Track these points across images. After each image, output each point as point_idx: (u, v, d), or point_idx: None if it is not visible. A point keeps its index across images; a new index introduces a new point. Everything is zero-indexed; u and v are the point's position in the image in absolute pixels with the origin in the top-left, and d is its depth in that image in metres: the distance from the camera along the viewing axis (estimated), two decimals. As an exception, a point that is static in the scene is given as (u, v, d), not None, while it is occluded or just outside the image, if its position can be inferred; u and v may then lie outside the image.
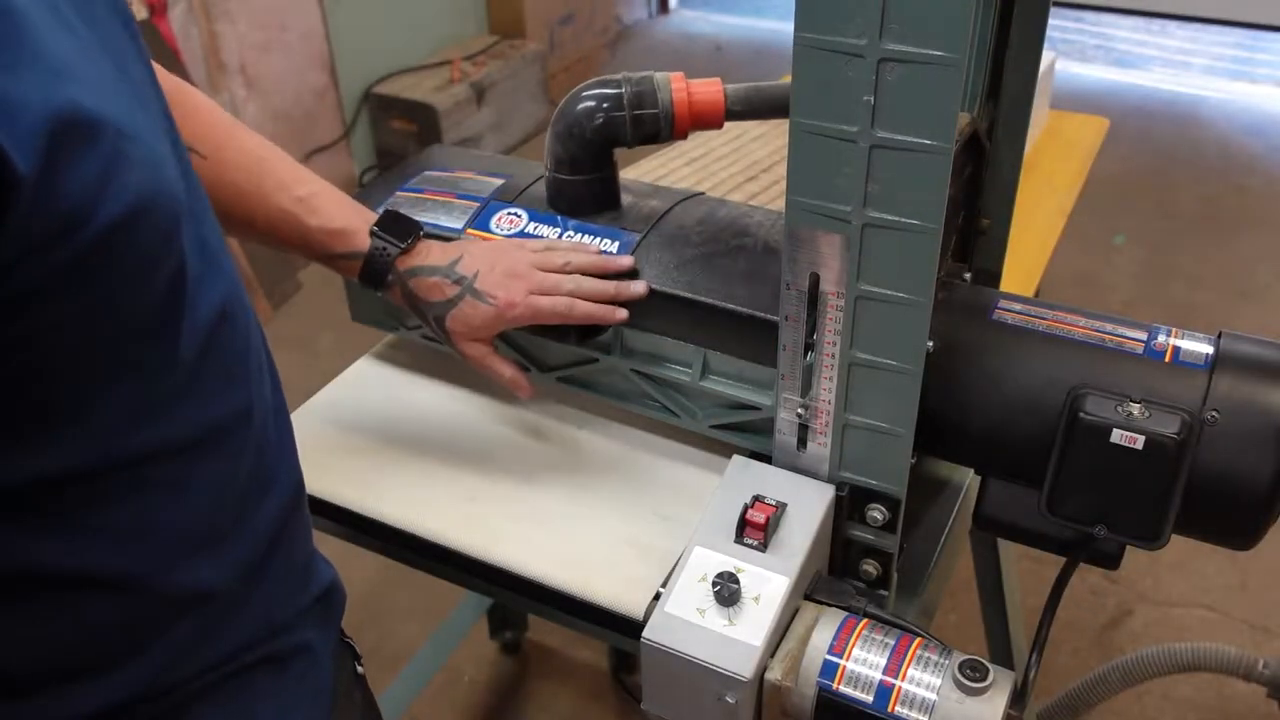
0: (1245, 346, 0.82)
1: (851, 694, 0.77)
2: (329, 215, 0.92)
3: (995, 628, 1.54)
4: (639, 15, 4.83)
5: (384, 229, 0.93)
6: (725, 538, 0.84)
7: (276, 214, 0.90)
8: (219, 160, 0.87)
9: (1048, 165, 1.88)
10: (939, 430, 0.87)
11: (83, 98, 0.47)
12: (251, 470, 0.65)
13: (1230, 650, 1.25)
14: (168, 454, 0.58)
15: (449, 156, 1.16)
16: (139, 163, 0.51)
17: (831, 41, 0.69)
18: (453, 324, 0.93)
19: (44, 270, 0.47)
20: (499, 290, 0.92)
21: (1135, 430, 0.76)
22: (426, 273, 0.93)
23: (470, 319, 0.93)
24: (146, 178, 0.51)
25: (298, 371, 0.98)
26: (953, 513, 1.08)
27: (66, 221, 0.47)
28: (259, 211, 0.90)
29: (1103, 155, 2.01)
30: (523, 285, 0.93)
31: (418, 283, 0.93)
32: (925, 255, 0.74)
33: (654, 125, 0.96)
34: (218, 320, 0.61)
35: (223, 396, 0.62)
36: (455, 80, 3.45)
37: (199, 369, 0.59)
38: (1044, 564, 1.92)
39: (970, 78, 0.94)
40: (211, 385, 0.61)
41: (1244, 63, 4.31)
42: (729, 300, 0.91)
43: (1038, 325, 0.86)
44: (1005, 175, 1.02)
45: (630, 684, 1.85)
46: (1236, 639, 1.96)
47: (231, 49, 2.96)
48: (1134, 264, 3.05)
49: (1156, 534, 0.80)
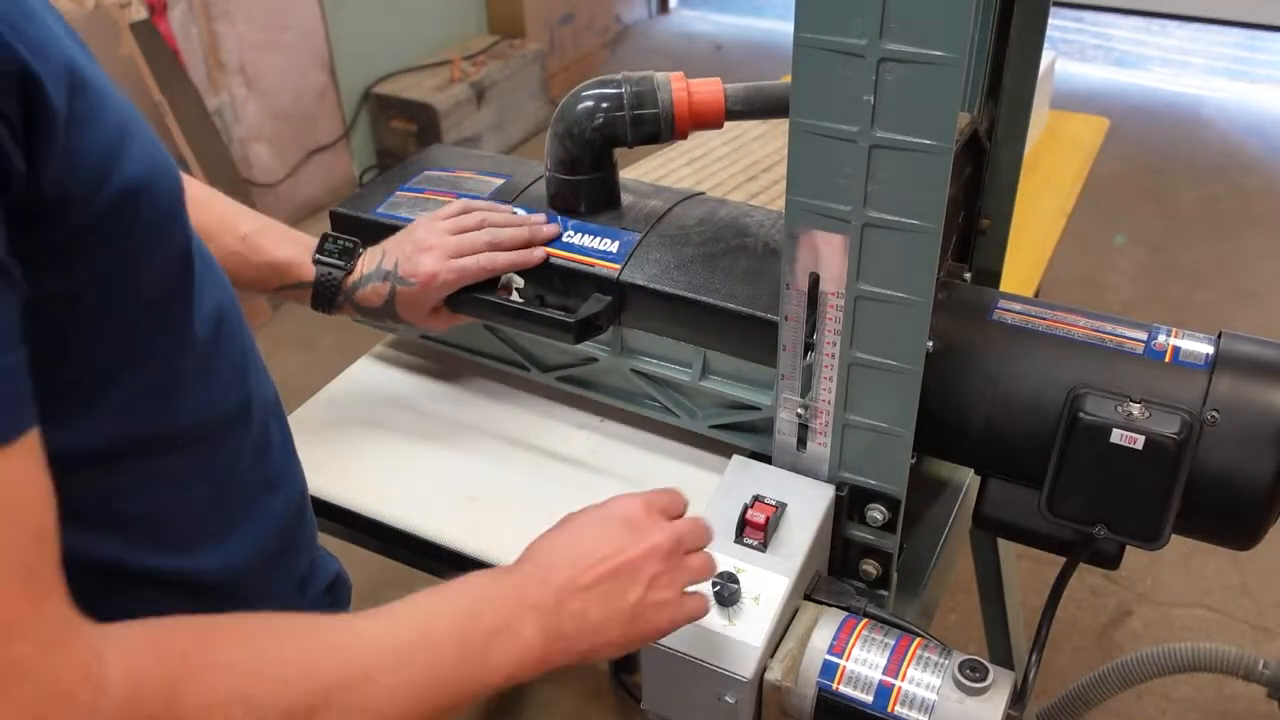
0: (1245, 346, 0.82)
1: (851, 694, 0.77)
2: (273, 250, 0.94)
3: (995, 628, 1.54)
4: (639, 15, 4.83)
5: (326, 254, 0.96)
6: (725, 538, 0.84)
7: (224, 255, 0.90)
8: None
9: (1048, 165, 1.88)
10: (939, 430, 0.87)
11: (84, 67, 0.51)
12: (255, 466, 0.67)
13: (1230, 650, 1.24)
14: (176, 443, 0.60)
15: (449, 156, 1.16)
16: (140, 139, 0.54)
17: (831, 41, 0.69)
18: (404, 314, 0.97)
19: (84, 216, 0.50)
20: (419, 269, 0.95)
21: (1135, 430, 0.76)
22: (365, 283, 0.96)
23: (411, 304, 0.96)
24: (150, 154, 0.55)
25: (298, 371, 0.99)
26: (953, 513, 1.08)
27: (94, 174, 0.50)
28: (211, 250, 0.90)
29: (1103, 155, 2.01)
30: (439, 254, 0.95)
31: (361, 295, 0.97)
32: (925, 255, 0.74)
33: (654, 125, 0.96)
34: (219, 318, 0.63)
35: (227, 390, 0.64)
36: (455, 80, 3.45)
37: (207, 361, 0.61)
38: (1044, 564, 1.92)
39: (970, 78, 0.94)
40: (216, 379, 0.63)
41: (1244, 63, 4.31)
42: (729, 300, 0.91)
43: (1038, 325, 0.86)
44: (1005, 175, 1.02)
45: (630, 684, 1.84)
46: (1236, 639, 1.96)
47: (231, 49, 2.95)
48: (1134, 264, 3.04)
49: (1156, 534, 0.80)
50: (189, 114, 2.74)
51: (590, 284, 0.97)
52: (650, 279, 0.95)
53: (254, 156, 3.08)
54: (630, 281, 0.95)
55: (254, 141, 3.07)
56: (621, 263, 0.96)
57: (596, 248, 0.97)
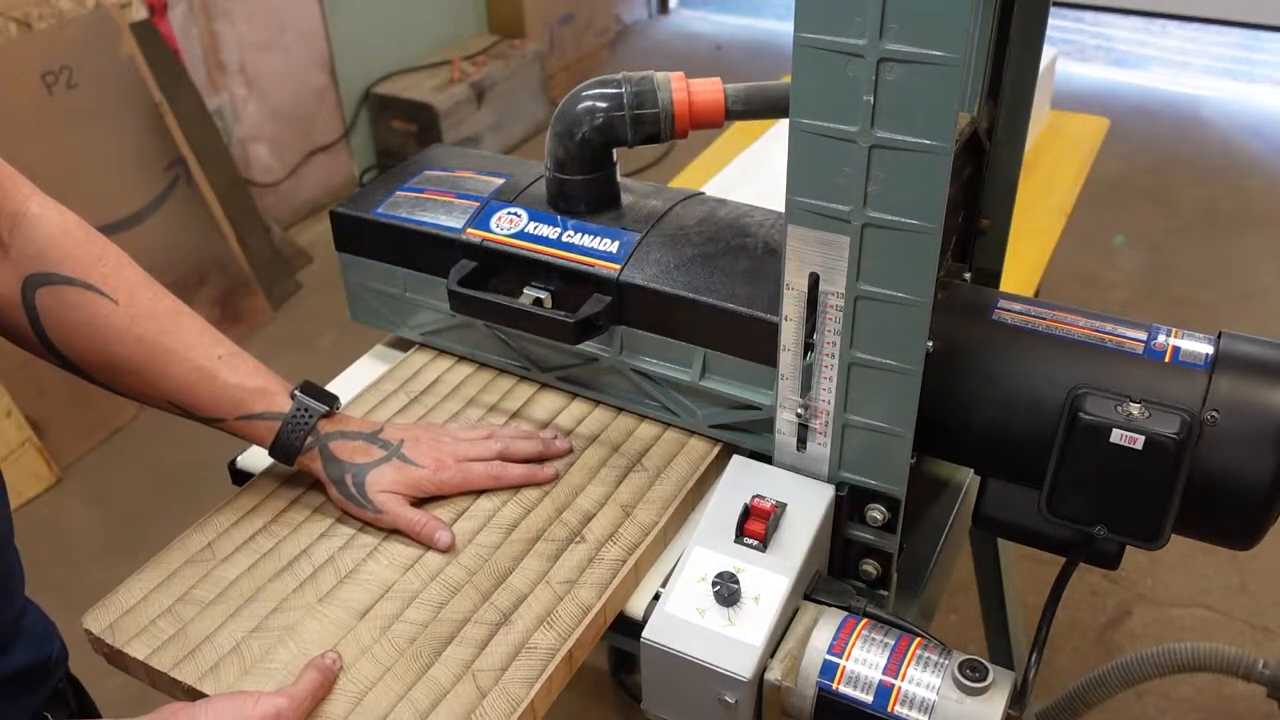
0: (1245, 346, 0.82)
1: (851, 694, 0.77)
2: (247, 374, 0.90)
3: (995, 628, 1.54)
4: (639, 15, 4.83)
5: (305, 392, 0.91)
6: (725, 538, 0.84)
7: (190, 371, 0.87)
8: (131, 308, 0.86)
9: (1048, 165, 1.88)
10: (939, 430, 0.87)
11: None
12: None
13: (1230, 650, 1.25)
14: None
15: (449, 156, 1.16)
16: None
17: (831, 41, 0.69)
18: (374, 477, 0.90)
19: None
20: (427, 456, 0.92)
21: (1135, 430, 0.76)
22: (351, 437, 0.91)
23: (395, 477, 0.90)
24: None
25: (298, 371, 0.98)
26: (953, 513, 1.08)
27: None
28: (169, 367, 0.87)
29: (1103, 155, 2.01)
30: (450, 451, 0.93)
31: (339, 445, 0.91)
32: (925, 255, 0.74)
33: (654, 125, 0.96)
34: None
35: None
36: (455, 80, 3.45)
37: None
38: (1044, 564, 1.92)
39: (970, 78, 0.94)
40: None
41: (1244, 63, 4.31)
42: (729, 300, 0.91)
43: (1038, 325, 0.86)
44: (1005, 175, 1.02)
45: (630, 684, 1.85)
46: (1236, 639, 1.96)
47: (231, 49, 2.95)
48: (1134, 264, 3.05)
49: (1156, 534, 0.80)
50: (189, 114, 2.74)
51: (590, 284, 0.97)
52: (650, 279, 0.95)
53: (254, 156, 3.08)
54: (630, 281, 0.95)
55: (254, 141, 3.07)
56: (621, 263, 0.96)
57: (596, 248, 0.97)
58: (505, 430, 0.98)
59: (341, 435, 0.91)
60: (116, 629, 0.83)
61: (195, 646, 0.81)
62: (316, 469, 0.91)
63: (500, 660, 0.79)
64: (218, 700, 0.72)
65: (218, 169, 2.82)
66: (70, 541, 2.26)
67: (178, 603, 0.85)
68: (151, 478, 2.42)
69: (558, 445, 0.98)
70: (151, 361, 0.87)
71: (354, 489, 0.90)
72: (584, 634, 0.82)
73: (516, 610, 0.83)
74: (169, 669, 0.79)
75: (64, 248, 0.85)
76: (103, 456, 2.47)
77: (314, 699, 0.75)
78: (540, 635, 0.81)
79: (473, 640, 0.81)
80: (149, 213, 2.62)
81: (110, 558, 2.20)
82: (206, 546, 0.90)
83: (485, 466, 0.93)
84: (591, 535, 0.90)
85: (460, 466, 0.92)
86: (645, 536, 0.90)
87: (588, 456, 0.99)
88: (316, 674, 0.77)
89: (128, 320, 0.86)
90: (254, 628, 0.82)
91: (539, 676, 0.78)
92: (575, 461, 0.98)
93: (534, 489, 0.95)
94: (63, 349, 0.86)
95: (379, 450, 0.91)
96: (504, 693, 0.77)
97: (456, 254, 1.02)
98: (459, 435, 0.96)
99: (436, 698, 0.77)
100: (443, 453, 0.93)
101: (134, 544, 2.20)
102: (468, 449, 0.94)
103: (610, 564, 0.87)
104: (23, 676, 0.79)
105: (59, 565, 2.16)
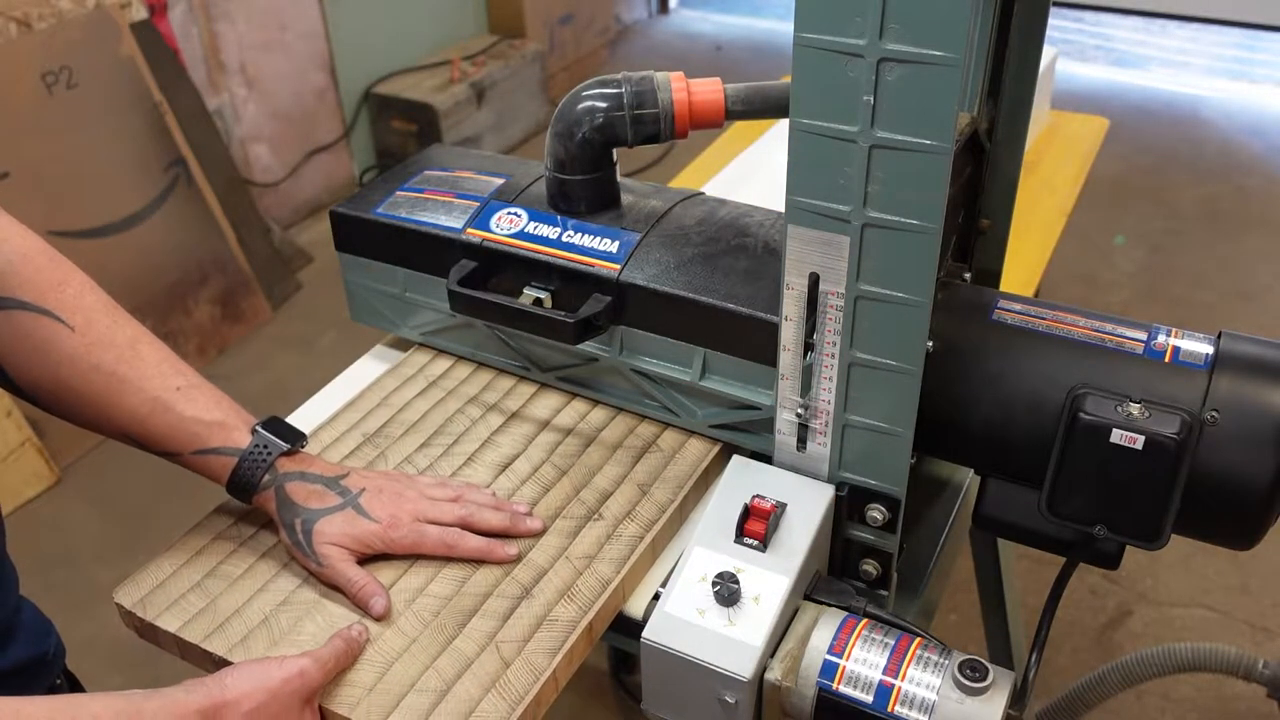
0: (1245, 346, 0.82)
1: (851, 694, 0.77)
2: (205, 407, 0.86)
3: (995, 628, 1.54)
4: (639, 15, 4.83)
5: (267, 428, 0.87)
6: (725, 538, 0.84)
7: (144, 402, 0.84)
8: (88, 336, 0.83)
9: (1048, 165, 1.88)
10: (939, 430, 0.87)
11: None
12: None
13: (1230, 650, 1.25)
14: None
15: (449, 156, 1.16)
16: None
17: (831, 41, 0.69)
18: (322, 526, 0.85)
19: None
20: (384, 510, 0.87)
21: (1135, 430, 0.76)
22: (311, 479, 0.87)
23: (344, 529, 0.85)
24: None
25: (297, 371, 0.98)
26: (953, 513, 1.08)
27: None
28: (124, 398, 0.84)
29: (1103, 155, 2.01)
30: (410, 509, 0.88)
31: (296, 487, 0.86)
32: (925, 255, 0.74)
33: (654, 125, 0.96)
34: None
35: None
36: (455, 80, 3.45)
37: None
38: (1044, 564, 1.92)
39: (970, 78, 0.94)
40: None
41: (1244, 63, 4.31)
42: (729, 300, 0.91)
43: (1038, 325, 0.86)
44: (1005, 175, 1.02)
45: (630, 684, 1.84)
46: (1236, 639, 1.96)
47: (231, 49, 2.95)
48: (1134, 264, 3.05)
49: (1156, 534, 0.80)
50: (189, 114, 2.74)
51: (590, 284, 0.97)
52: (650, 279, 0.95)
53: (254, 156, 3.08)
54: (630, 281, 0.95)
55: (254, 141, 3.07)
56: (621, 263, 0.96)
57: (596, 248, 0.98)
58: (477, 495, 0.92)
59: (301, 477, 0.87)
60: (147, 603, 0.85)
61: (225, 619, 0.83)
62: (271, 510, 0.87)
63: (523, 632, 0.82)
64: (242, 666, 0.73)
65: (218, 169, 2.82)
66: (70, 541, 2.26)
67: (206, 578, 0.87)
68: (151, 478, 2.41)
69: (527, 524, 0.90)
70: (106, 391, 0.84)
71: (301, 536, 0.85)
72: (604, 607, 0.85)
73: (537, 584, 0.86)
74: (200, 640, 0.82)
75: (23, 272, 0.82)
76: (103, 456, 2.47)
77: (338, 664, 0.77)
78: (561, 608, 0.84)
79: (495, 613, 0.83)
80: (149, 213, 2.62)
81: (110, 558, 2.20)
82: (233, 524, 0.92)
83: (441, 533, 0.87)
84: (609, 513, 0.92)
85: (414, 527, 0.87)
86: (662, 514, 0.92)
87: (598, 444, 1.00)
88: (341, 642, 0.78)
89: (83, 348, 0.83)
90: (281, 601, 0.85)
91: (561, 647, 0.81)
92: (582, 456, 0.99)
93: (550, 467, 0.96)
94: (13, 374, 0.84)
95: (335, 497, 0.86)
96: (527, 663, 0.79)
97: (456, 254, 1.02)
98: (426, 491, 0.90)
99: (462, 667, 0.79)
100: (402, 510, 0.87)
101: (134, 544, 2.21)
102: (428, 509, 0.88)
103: (628, 540, 0.90)
104: (20, 671, 0.80)
105: (59, 565, 2.16)
